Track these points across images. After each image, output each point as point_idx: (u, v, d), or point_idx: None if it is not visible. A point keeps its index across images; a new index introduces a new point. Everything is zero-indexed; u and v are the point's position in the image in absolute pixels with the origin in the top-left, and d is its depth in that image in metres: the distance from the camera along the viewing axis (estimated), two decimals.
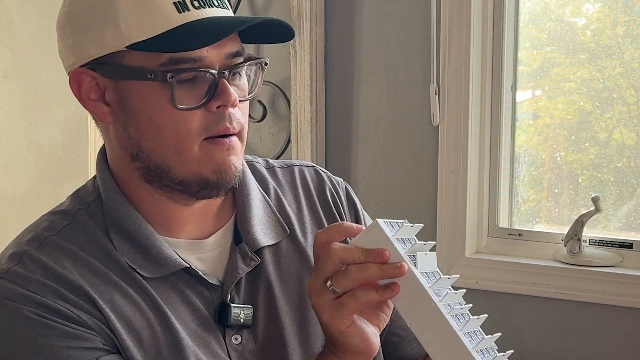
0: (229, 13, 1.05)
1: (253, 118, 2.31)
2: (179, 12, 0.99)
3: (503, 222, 2.16)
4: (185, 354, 1.02)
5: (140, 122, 1.02)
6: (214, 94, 1.00)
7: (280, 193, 1.17)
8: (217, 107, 1.01)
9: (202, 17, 1.00)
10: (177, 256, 1.05)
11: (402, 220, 0.97)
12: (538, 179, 2.19)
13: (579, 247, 2.01)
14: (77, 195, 1.11)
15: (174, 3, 0.99)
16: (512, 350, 1.04)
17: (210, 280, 1.06)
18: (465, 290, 0.99)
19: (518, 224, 2.18)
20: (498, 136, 2.12)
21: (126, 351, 1.00)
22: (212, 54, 1.00)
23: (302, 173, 1.21)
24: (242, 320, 1.06)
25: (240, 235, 1.10)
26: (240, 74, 1.05)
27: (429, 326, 0.95)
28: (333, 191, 1.21)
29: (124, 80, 1.01)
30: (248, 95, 1.06)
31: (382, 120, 2.19)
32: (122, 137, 1.04)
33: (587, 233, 2.03)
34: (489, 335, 1.02)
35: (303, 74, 2.19)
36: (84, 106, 1.06)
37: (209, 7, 1.01)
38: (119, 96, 1.02)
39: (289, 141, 2.27)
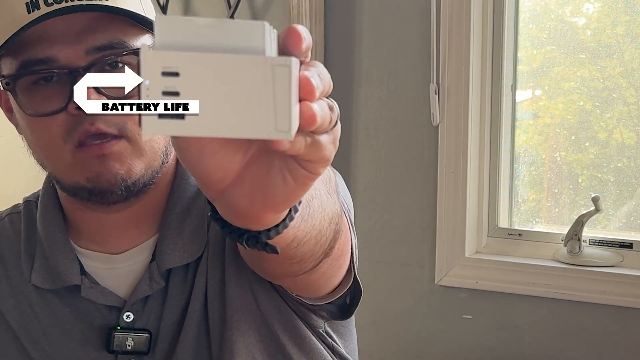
0: (98, 2, 0.92)
1: None
2: (29, 12, 0.92)
3: (503, 222, 2.16)
4: None
5: (23, 132, 0.99)
6: (72, 95, 0.90)
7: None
8: (77, 109, 0.91)
9: (51, 10, 0.91)
10: (75, 271, 1.02)
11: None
12: (538, 179, 2.19)
13: (579, 247, 2.00)
14: (39, 190, 1.12)
15: (26, 4, 0.92)
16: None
17: (100, 302, 1.02)
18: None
19: (518, 224, 2.18)
20: (498, 136, 2.12)
21: None
22: (68, 53, 0.91)
23: None
24: (129, 348, 1.00)
25: (155, 254, 1.03)
26: (120, 69, 0.92)
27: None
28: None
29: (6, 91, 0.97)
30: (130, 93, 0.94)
31: (382, 120, 2.19)
32: (28, 148, 1.01)
33: (587, 233, 2.03)
34: None
35: None
36: (9, 120, 1.03)
37: (67, 2, 0.91)
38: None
39: None
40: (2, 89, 0.97)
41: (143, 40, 0.95)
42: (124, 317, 1.01)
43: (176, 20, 0.47)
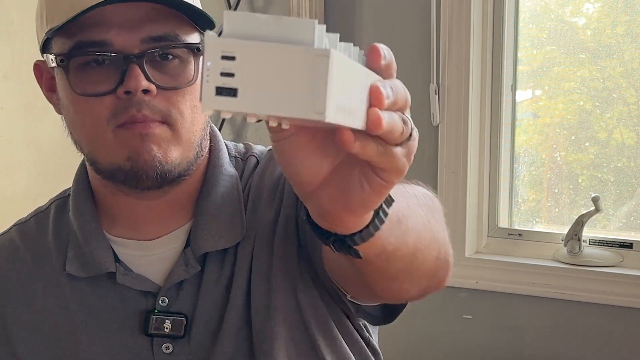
0: None
1: None
2: None
3: (503, 222, 2.16)
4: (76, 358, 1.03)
5: (65, 111, 1.01)
6: (123, 79, 0.94)
7: (262, 189, 1.08)
8: (125, 93, 0.94)
9: None
10: (109, 259, 1.03)
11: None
12: (538, 179, 2.19)
13: (579, 247, 2.01)
14: (63, 192, 1.13)
15: None
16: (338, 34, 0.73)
17: (136, 288, 1.03)
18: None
19: (518, 224, 2.18)
20: (498, 136, 2.12)
21: (14, 345, 1.05)
22: (124, 39, 0.94)
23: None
24: (166, 330, 1.02)
25: (190, 240, 1.05)
26: (170, 62, 0.97)
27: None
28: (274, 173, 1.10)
29: (53, 68, 1.00)
30: (185, 84, 0.97)
31: None
32: (65, 126, 1.03)
33: (587, 233, 2.03)
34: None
35: None
36: (47, 98, 1.05)
37: None
38: (56, 85, 1.02)
39: None
40: (50, 66, 1.00)
41: (193, 38, 0.99)
42: (160, 301, 1.03)
43: (242, 15, 0.56)
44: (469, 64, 2.06)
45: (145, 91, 0.94)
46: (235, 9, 2.27)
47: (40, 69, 1.05)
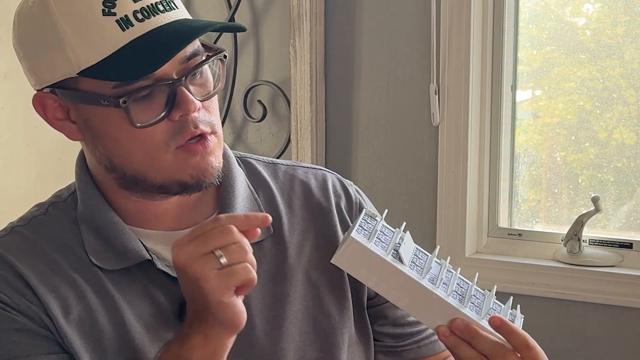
0: (178, 14, 1.02)
1: (253, 118, 2.31)
2: (123, 30, 0.97)
3: (503, 222, 2.16)
4: (129, 346, 1.04)
5: (106, 141, 1.02)
6: (174, 104, 0.99)
7: (275, 191, 1.17)
8: (181, 116, 1.00)
9: (148, 29, 0.98)
10: (142, 248, 1.06)
11: (368, 215, 1.04)
12: (538, 179, 2.19)
13: (579, 247, 2.01)
14: (59, 191, 1.14)
15: (117, 21, 0.97)
16: (511, 297, 1.13)
17: (172, 274, 1.06)
18: (449, 258, 1.09)
19: (518, 224, 2.18)
20: (498, 136, 2.12)
21: (64, 338, 1.03)
22: (165, 65, 0.98)
23: (305, 174, 1.20)
24: None
25: None
26: (201, 72, 1.03)
27: (436, 315, 0.99)
28: (332, 199, 1.19)
29: (83, 104, 1.01)
30: (213, 90, 1.04)
31: (382, 120, 2.19)
32: (93, 152, 1.05)
33: (587, 233, 2.03)
34: (489, 295, 1.07)
35: (303, 74, 2.19)
36: (53, 127, 1.06)
37: (154, 16, 0.99)
38: (82, 117, 1.03)
39: (288, 141, 2.27)
40: (68, 101, 1.02)
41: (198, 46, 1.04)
42: None
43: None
44: (469, 64, 2.06)
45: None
46: (236, 9, 2.27)
47: (42, 100, 1.05)
